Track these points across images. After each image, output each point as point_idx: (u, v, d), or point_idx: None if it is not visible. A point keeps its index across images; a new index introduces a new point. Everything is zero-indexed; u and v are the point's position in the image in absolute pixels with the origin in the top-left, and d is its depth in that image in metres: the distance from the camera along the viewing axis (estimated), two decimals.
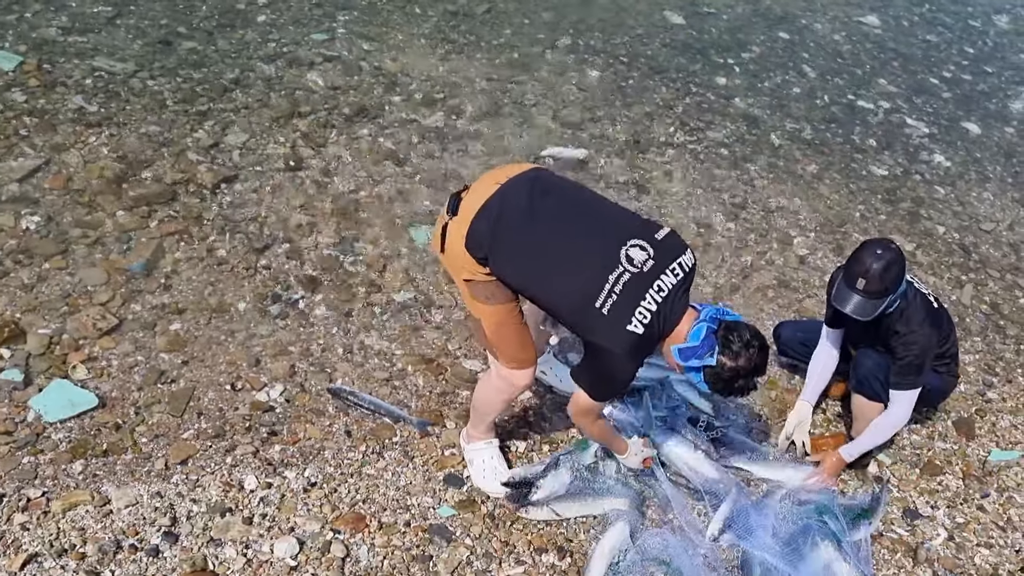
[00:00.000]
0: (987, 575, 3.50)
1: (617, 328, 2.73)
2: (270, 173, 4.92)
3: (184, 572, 2.87)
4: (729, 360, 2.77)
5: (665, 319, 2.79)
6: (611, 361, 2.82)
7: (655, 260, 2.80)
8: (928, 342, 3.52)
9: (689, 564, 3.19)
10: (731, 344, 2.77)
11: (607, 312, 2.72)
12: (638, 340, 2.74)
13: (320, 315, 4.11)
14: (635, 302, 2.73)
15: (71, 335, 3.70)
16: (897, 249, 3.39)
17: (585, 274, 2.78)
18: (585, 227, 2.87)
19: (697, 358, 2.79)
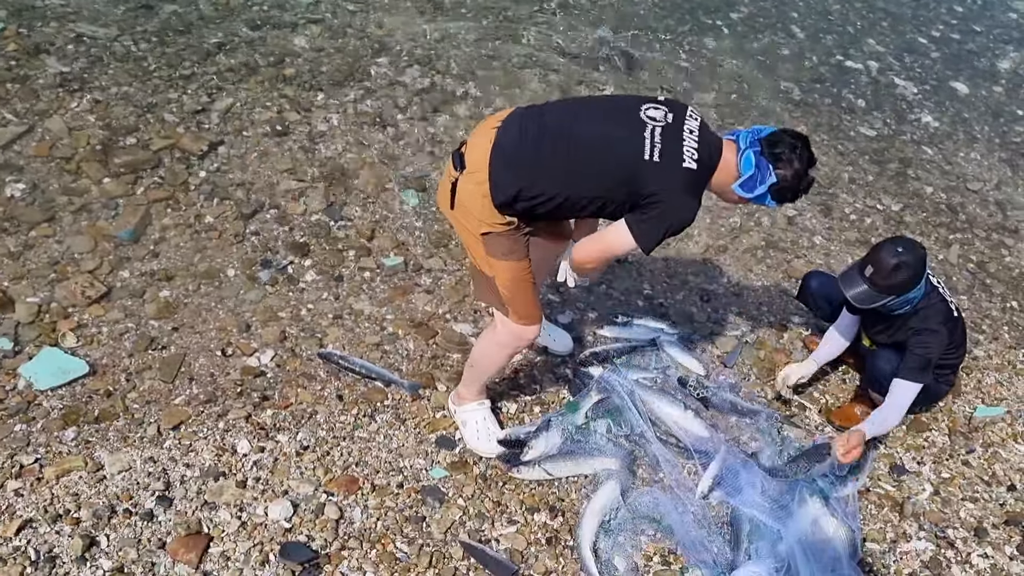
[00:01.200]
0: (972, 528, 3.56)
1: (673, 168, 2.78)
2: (256, 138, 4.88)
3: (179, 535, 2.89)
4: (787, 170, 2.85)
5: (710, 155, 2.85)
6: (672, 201, 2.81)
7: (672, 113, 2.87)
8: (942, 343, 3.55)
9: (679, 521, 3.24)
10: (781, 156, 2.85)
11: (659, 159, 2.77)
12: (694, 176, 2.81)
13: (310, 280, 4.10)
14: (678, 144, 2.80)
15: (60, 303, 3.69)
16: (919, 256, 3.39)
17: (621, 145, 2.82)
18: (597, 115, 2.97)
19: (761, 183, 2.86)
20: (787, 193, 2.92)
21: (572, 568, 3.07)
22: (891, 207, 5.71)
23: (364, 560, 2.95)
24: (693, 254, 4.82)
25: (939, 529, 3.52)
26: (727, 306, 4.51)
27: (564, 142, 2.84)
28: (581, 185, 2.85)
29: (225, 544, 2.91)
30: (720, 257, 4.86)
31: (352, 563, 2.93)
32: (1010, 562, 3.43)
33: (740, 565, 3.07)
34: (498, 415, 3.56)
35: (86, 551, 2.79)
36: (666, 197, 2.80)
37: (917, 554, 3.40)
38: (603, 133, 2.85)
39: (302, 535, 2.98)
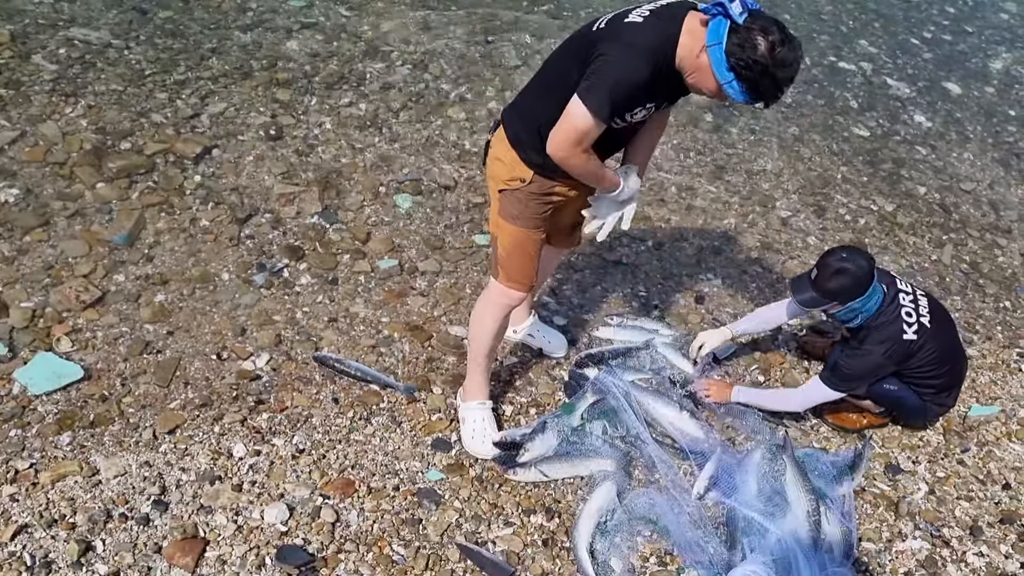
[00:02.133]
0: (967, 527, 3.57)
1: (617, 26, 2.61)
2: (251, 142, 4.88)
3: (175, 539, 2.89)
4: (759, 29, 2.47)
5: (672, 18, 2.58)
6: (612, 54, 2.55)
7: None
8: (869, 365, 3.53)
9: (675, 522, 3.24)
10: (764, 17, 2.51)
11: (604, 26, 2.66)
12: (639, 29, 2.57)
13: (305, 284, 4.10)
14: (628, 11, 2.64)
15: (54, 307, 3.69)
16: (862, 265, 3.39)
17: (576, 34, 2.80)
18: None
19: (732, 6, 2.48)
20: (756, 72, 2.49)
21: (568, 569, 3.07)
22: (885, 207, 5.73)
23: (360, 563, 2.94)
24: (687, 256, 4.83)
25: (934, 528, 3.53)
26: (721, 307, 4.52)
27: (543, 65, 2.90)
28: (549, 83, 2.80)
29: (221, 548, 2.91)
30: (714, 259, 4.87)
31: (348, 566, 2.93)
32: (1005, 560, 3.44)
33: (736, 565, 3.07)
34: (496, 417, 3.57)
35: (82, 556, 2.78)
36: (606, 50, 2.57)
37: (913, 553, 3.41)
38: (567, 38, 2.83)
39: (298, 538, 2.98)
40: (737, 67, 2.50)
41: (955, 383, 3.85)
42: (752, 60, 2.47)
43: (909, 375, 3.61)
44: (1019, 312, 5.05)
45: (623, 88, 2.57)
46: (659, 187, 5.35)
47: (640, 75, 2.55)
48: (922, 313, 3.55)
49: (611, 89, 2.56)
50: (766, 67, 2.48)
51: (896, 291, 3.56)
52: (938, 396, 3.76)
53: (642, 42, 2.55)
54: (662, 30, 2.56)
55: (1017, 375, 4.49)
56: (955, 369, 3.80)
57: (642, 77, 2.56)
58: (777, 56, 2.47)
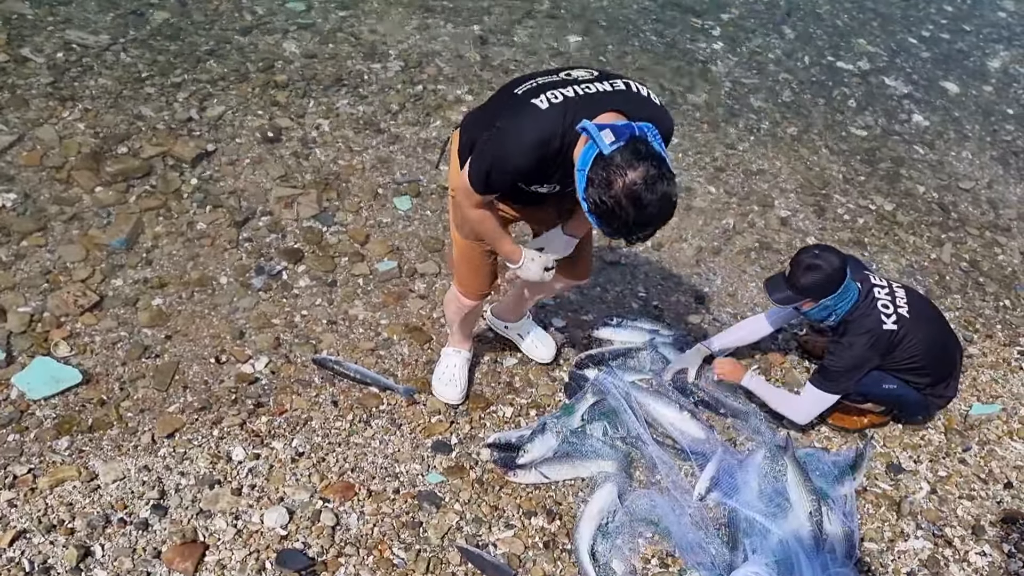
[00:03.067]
0: (969, 526, 3.56)
1: (521, 103, 2.52)
2: (249, 145, 4.87)
3: (175, 544, 2.88)
4: (624, 161, 2.28)
5: (579, 110, 2.43)
6: (506, 133, 2.51)
7: (595, 77, 2.57)
8: (854, 357, 3.52)
9: (677, 523, 3.23)
10: (639, 149, 2.30)
11: (520, 93, 2.56)
12: (538, 113, 2.45)
13: (303, 286, 4.09)
14: (551, 88, 2.51)
15: (52, 312, 3.67)
16: (834, 263, 3.40)
17: (518, 83, 2.65)
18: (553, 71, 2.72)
19: (599, 131, 2.33)
20: (602, 190, 2.32)
21: (570, 572, 3.06)
22: (884, 207, 5.72)
23: (361, 567, 2.93)
24: (687, 257, 4.82)
25: (937, 528, 3.52)
26: (721, 307, 4.51)
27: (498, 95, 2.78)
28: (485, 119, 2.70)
29: (221, 552, 2.89)
30: (714, 259, 4.86)
31: (349, 570, 2.92)
32: (1008, 559, 3.43)
33: (738, 566, 3.06)
34: (494, 418, 3.57)
35: (80, 561, 2.77)
36: (502, 125, 2.52)
37: (915, 553, 3.40)
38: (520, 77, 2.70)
39: (298, 542, 2.97)
40: (589, 199, 2.37)
41: (949, 373, 3.82)
42: (601, 199, 2.33)
43: (898, 367, 3.60)
44: (1019, 310, 5.04)
45: (499, 172, 2.55)
46: None
47: (523, 162, 2.50)
48: (899, 304, 3.56)
49: (488, 170, 2.56)
50: (614, 209, 2.32)
51: (871, 286, 3.58)
52: (936, 388, 3.75)
53: (532, 134, 2.47)
54: (560, 124, 2.45)
55: (1018, 373, 4.48)
56: (946, 359, 3.78)
57: (525, 164, 2.51)
58: (633, 198, 2.29)
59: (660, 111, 2.57)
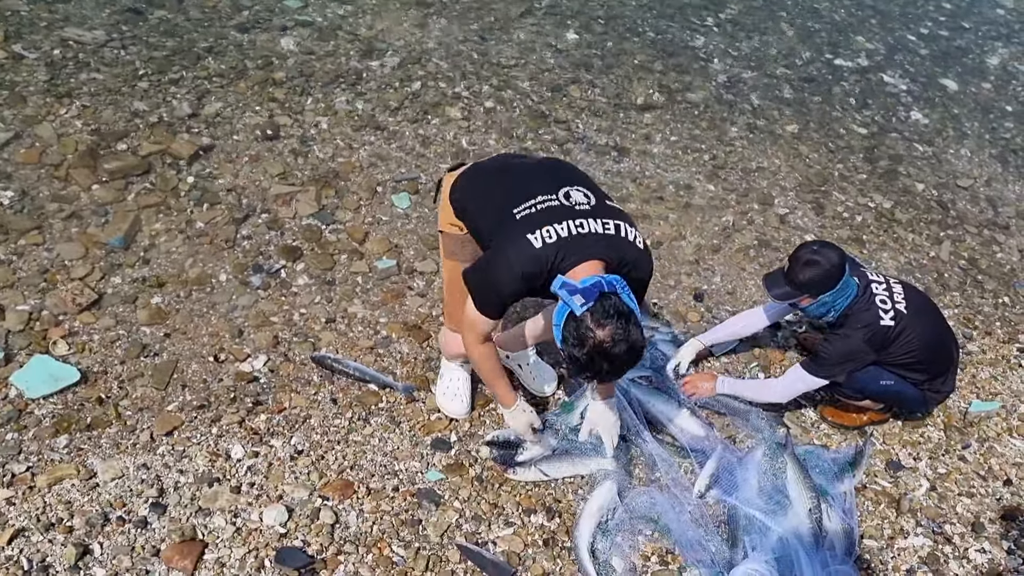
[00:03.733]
0: (969, 523, 3.56)
1: (518, 233, 2.69)
2: (247, 142, 4.86)
3: (174, 542, 2.87)
4: (593, 322, 2.51)
5: (568, 251, 2.65)
6: (499, 263, 2.71)
7: (592, 207, 2.76)
8: (848, 349, 3.52)
9: (676, 521, 3.23)
10: (607, 308, 2.52)
11: (519, 218, 2.73)
12: (531, 252, 2.64)
13: (302, 284, 4.08)
14: (548, 221, 2.68)
15: (51, 311, 3.66)
16: (832, 259, 3.40)
17: (519, 194, 2.81)
18: (545, 172, 2.96)
19: (570, 295, 2.55)
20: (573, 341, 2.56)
21: (570, 569, 3.06)
22: (883, 204, 5.72)
23: (360, 564, 2.93)
24: (686, 254, 4.82)
25: (936, 525, 3.52)
26: (720, 305, 4.51)
27: (498, 179, 2.97)
28: (474, 206, 2.94)
29: (220, 550, 2.89)
30: (713, 256, 4.86)
31: (348, 568, 2.91)
32: (1008, 556, 3.43)
33: (738, 563, 3.06)
34: (493, 416, 3.57)
35: (79, 560, 2.77)
36: (495, 256, 2.75)
37: (915, 550, 3.40)
38: (520, 185, 2.86)
39: (297, 540, 2.96)
40: (565, 353, 2.61)
41: (946, 369, 3.81)
42: (574, 355, 2.56)
43: (895, 363, 3.59)
44: (1018, 307, 5.04)
45: (496, 295, 2.77)
46: (657, 185, 5.34)
47: (512, 289, 2.72)
48: (897, 300, 3.55)
49: (486, 292, 2.77)
50: (587, 363, 2.56)
51: (868, 282, 3.57)
52: (933, 383, 3.75)
53: (521, 268, 2.66)
54: (549, 262, 2.64)
55: (1017, 370, 4.48)
56: (943, 354, 3.77)
57: (514, 291, 2.73)
58: (603, 353, 2.52)
59: (643, 256, 2.80)
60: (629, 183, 5.30)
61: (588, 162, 5.38)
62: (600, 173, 5.31)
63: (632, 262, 2.74)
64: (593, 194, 2.84)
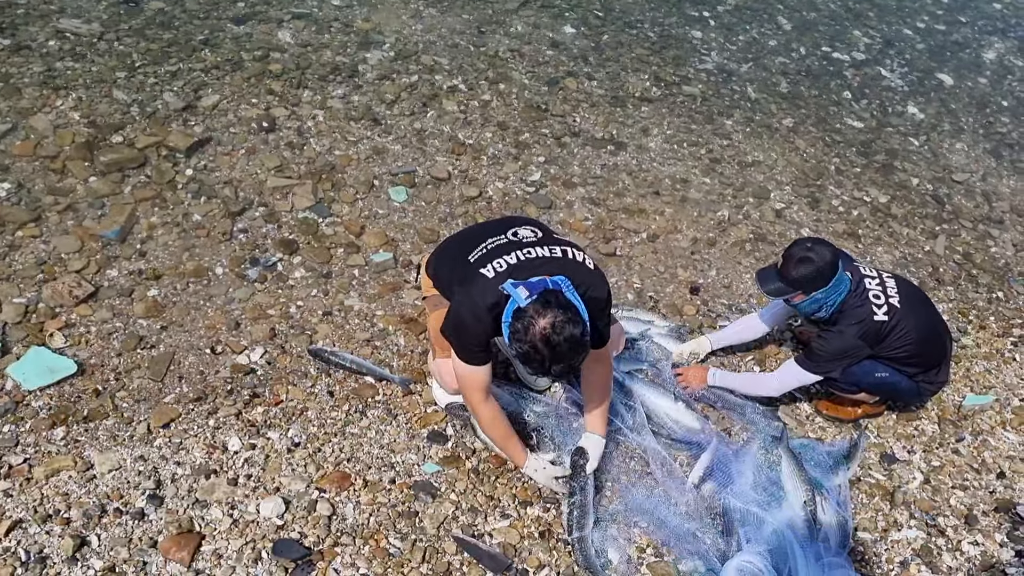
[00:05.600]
0: (962, 516, 3.58)
1: (473, 272, 2.86)
2: (243, 135, 4.86)
3: (171, 534, 2.88)
4: (535, 311, 2.61)
5: (519, 275, 2.78)
6: (463, 304, 2.85)
7: (538, 239, 2.97)
8: (843, 345, 3.53)
9: (672, 513, 3.24)
10: (549, 300, 2.63)
11: (472, 261, 2.91)
12: (485, 283, 2.79)
13: (299, 277, 4.09)
14: (498, 255, 2.87)
15: (47, 303, 3.67)
16: (826, 257, 3.40)
17: (473, 244, 3.00)
18: (498, 223, 3.20)
19: (515, 288, 2.68)
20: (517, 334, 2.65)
21: (566, 561, 3.07)
22: (878, 199, 5.73)
23: (357, 556, 2.94)
24: (682, 248, 4.82)
25: (930, 517, 3.54)
26: (716, 298, 4.52)
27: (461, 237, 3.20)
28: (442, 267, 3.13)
29: (217, 542, 2.90)
30: (709, 250, 4.87)
31: (345, 559, 2.92)
32: (1000, 549, 3.45)
33: (732, 555, 3.08)
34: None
35: (77, 551, 2.77)
36: (459, 296, 2.89)
37: (908, 542, 3.42)
38: (475, 237, 3.05)
39: (294, 532, 2.97)
40: (512, 347, 2.70)
41: (940, 360, 3.82)
42: (520, 344, 2.65)
43: (888, 356, 3.60)
44: (1012, 302, 5.06)
45: (470, 337, 2.87)
46: (653, 179, 5.34)
47: (481, 326, 2.81)
48: (890, 294, 3.56)
49: (460, 339, 2.89)
50: (530, 352, 2.64)
51: (861, 276, 3.58)
52: (927, 374, 3.77)
53: (482, 302, 2.79)
54: (504, 292, 2.74)
55: (1011, 364, 4.50)
56: (937, 346, 3.78)
57: (483, 326, 2.81)
58: (545, 341, 2.60)
59: (595, 276, 2.91)
60: (625, 176, 5.30)
61: (584, 156, 5.39)
62: (596, 167, 5.32)
63: (585, 283, 2.84)
64: (541, 230, 3.07)
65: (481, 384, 2.99)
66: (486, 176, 5.01)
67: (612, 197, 5.09)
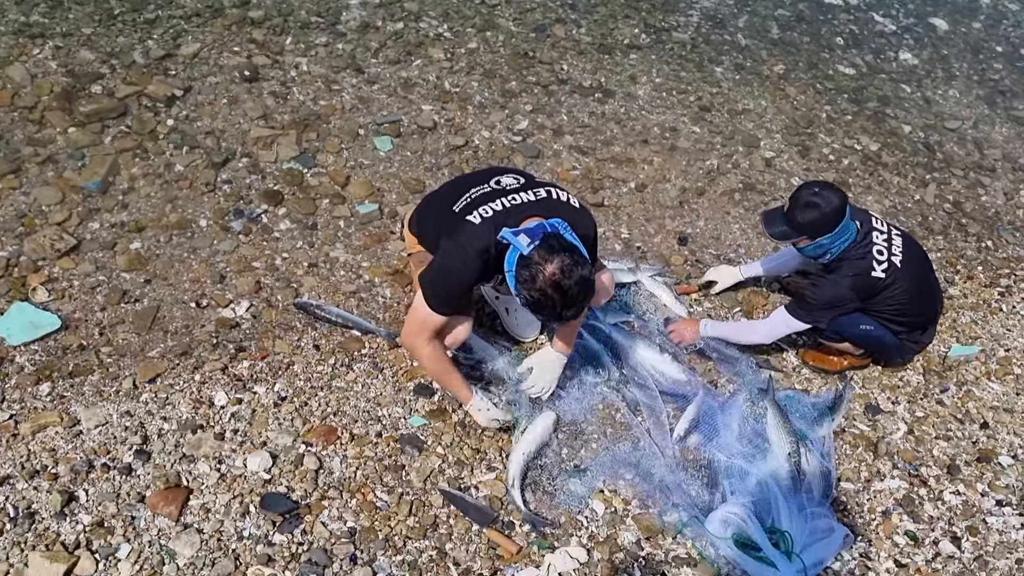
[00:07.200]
0: (945, 466, 3.62)
1: (459, 221, 2.86)
2: (225, 84, 4.77)
3: (158, 488, 2.89)
4: (541, 258, 2.61)
5: (507, 219, 2.78)
6: (450, 252, 2.85)
7: (521, 185, 2.96)
8: (833, 295, 3.54)
9: (657, 465, 3.27)
10: (552, 244, 2.63)
11: (457, 211, 2.92)
12: (473, 229, 2.80)
13: (284, 229, 4.05)
14: (483, 203, 2.87)
15: (29, 257, 3.63)
16: (833, 202, 3.38)
17: (456, 196, 3.01)
18: (480, 173, 3.18)
19: (516, 236, 2.68)
20: (525, 282, 2.64)
21: (551, 514, 3.10)
22: (869, 147, 5.69)
23: (344, 509, 2.96)
24: (670, 198, 4.79)
25: (912, 467, 3.58)
26: (704, 248, 4.51)
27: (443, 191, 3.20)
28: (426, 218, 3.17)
29: (205, 496, 2.91)
30: (697, 200, 4.84)
31: (332, 512, 2.94)
32: (981, 498, 3.50)
33: (717, 507, 3.11)
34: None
35: (65, 506, 2.78)
36: (443, 246, 2.90)
37: (890, 492, 3.46)
38: (458, 188, 3.06)
39: (282, 486, 2.99)
40: (520, 295, 2.70)
41: (929, 322, 3.86)
42: (530, 293, 2.65)
43: (877, 311, 3.62)
44: (1001, 251, 5.06)
45: (454, 284, 2.88)
46: (642, 128, 5.29)
47: (469, 271, 2.83)
48: (894, 252, 3.55)
49: (442, 284, 2.88)
50: (541, 299, 2.64)
51: (870, 228, 3.56)
52: (912, 334, 3.79)
53: (471, 248, 2.79)
54: (492, 235, 2.77)
55: (998, 314, 4.51)
56: (928, 309, 3.81)
57: (471, 273, 2.83)
58: (555, 286, 2.60)
59: (581, 214, 2.94)
60: (613, 125, 5.24)
61: (572, 104, 5.32)
62: (584, 115, 5.26)
63: (571, 221, 2.82)
64: (523, 177, 3.06)
65: (434, 329, 2.98)
66: (472, 125, 4.94)
67: (600, 146, 5.04)
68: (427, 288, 2.91)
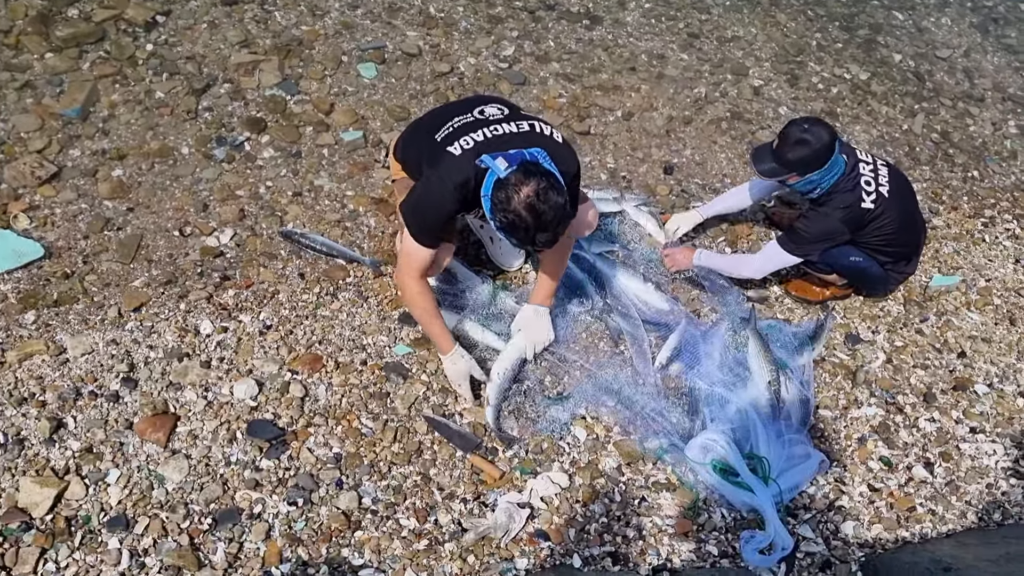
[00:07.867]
0: (921, 394, 3.69)
1: (440, 151, 2.84)
2: (205, 7, 4.66)
3: (146, 415, 2.92)
4: (516, 181, 2.60)
5: (487, 151, 2.75)
6: (429, 183, 2.86)
7: (504, 116, 2.93)
8: (825, 227, 3.55)
9: (638, 393, 3.32)
10: (530, 169, 2.62)
11: (439, 140, 2.90)
12: (453, 161, 2.78)
13: (267, 157, 4.01)
14: (464, 133, 2.85)
15: (9, 184, 3.59)
16: (823, 138, 3.37)
17: (438, 125, 2.98)
18: (463, 102, 3.15)
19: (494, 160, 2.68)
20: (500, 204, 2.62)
21: (534, 440, 3.15)
22: (859, 76, 5.64)
23: (330, 436, 3.00)
24: (656, 126, 4.76)
25: (889, 395, 3.65)
26: (690, 178, 4.50)
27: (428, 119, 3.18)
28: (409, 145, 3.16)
29: (192, 423, 2.95)
30: (684, 129, 4.81)
31: (318, 439, 2.99)
32: (956, 425, 3.58)
33: (697, 433, 3.17)
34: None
35: (54, 433, 2.82)
36: (426, 175, 2.89)
37: (867, 419, 3.53)
38: (442, 115, 3.03)
39: (268, 413, 3.03)
40: (495, 217, 2.68)
41: (913, 252, 3.89)
42: (504, 214, 2.63)
43: (865, 242, 3.64)
44: (986, 181, 5.07)
45: (433, 215, 2.87)
46: (630, 55, 5.22)
47: (449, 202, 2.81)
48: (881, 183, 3.55)
49: (421, 215, 2.88)
50: (514, 221, 2.62)
51: (856, 161, 3.56)
52: (897, 265, 3.82)
53: (451, 179, 2.78)
54: (472, 165, 2.74)
55: (980, 245, 4.54)
56: (913, 239, 3.84)
57: (451, 204, 2.81)
58: (529, 208, 2.59)
59: (563, 149, 2.91)
60: (601, 52, 5.17)
61: (559, 30, 5.24)
62: (572, 42, 5.18)
63: (553, 154, 2.80)
64: (507, 107, 3.03)
65: (422, 265, 2.97)
66: (458, 51, 4.87)
67: (587, 74, 4.98)
68: (407, 218, 2.91)
